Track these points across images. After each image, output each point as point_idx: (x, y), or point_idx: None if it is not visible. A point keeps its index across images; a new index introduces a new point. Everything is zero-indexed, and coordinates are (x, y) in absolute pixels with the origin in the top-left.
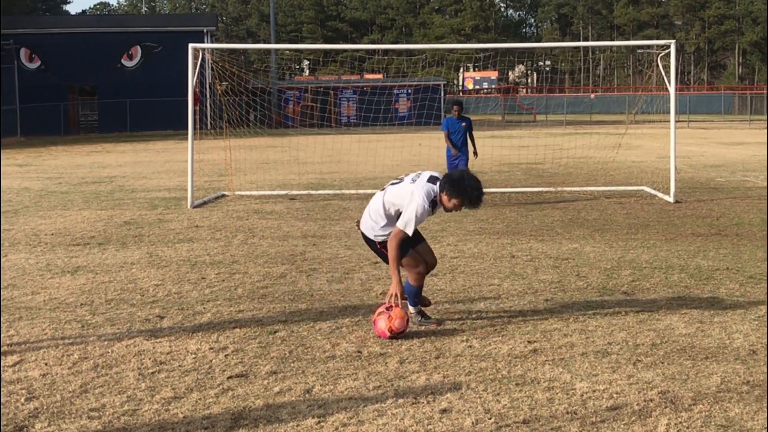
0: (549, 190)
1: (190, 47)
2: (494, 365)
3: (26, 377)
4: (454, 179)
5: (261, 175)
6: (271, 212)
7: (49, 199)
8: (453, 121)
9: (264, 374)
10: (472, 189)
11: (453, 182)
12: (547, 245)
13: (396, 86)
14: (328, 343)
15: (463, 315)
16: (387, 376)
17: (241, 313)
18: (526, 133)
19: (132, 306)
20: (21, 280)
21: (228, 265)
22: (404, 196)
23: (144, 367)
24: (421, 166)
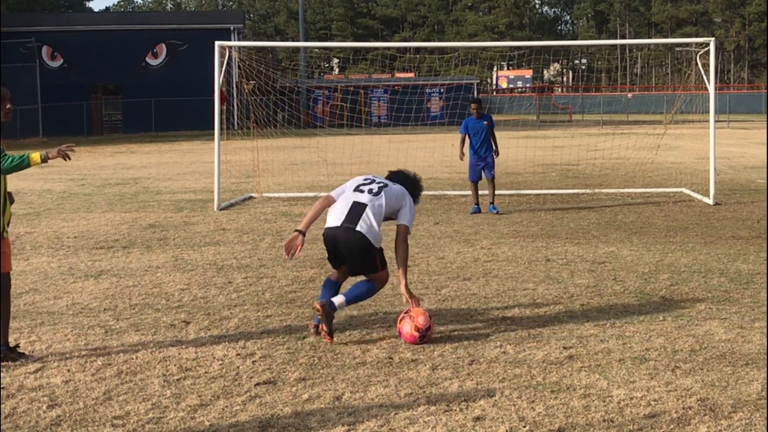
0: (585, 191)
1: (216, 45)
2: (529, 372)
3: (48, 384)
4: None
5: (289, 176)
6: (299, 215)
7: (71, 201)
8: (473, 121)
9: (292, 381)
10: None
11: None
12: (583, 248)
13: (428, 85)
14: (359, 349)
15: (496, 320)
16: (419, 382)
17: (269, 318)
18: (561, 133)
19: (157, 311)
20: (43, 284)
21: (255, 269)
22: (399, 198)
23: (169, 373)
24: (453, 167)
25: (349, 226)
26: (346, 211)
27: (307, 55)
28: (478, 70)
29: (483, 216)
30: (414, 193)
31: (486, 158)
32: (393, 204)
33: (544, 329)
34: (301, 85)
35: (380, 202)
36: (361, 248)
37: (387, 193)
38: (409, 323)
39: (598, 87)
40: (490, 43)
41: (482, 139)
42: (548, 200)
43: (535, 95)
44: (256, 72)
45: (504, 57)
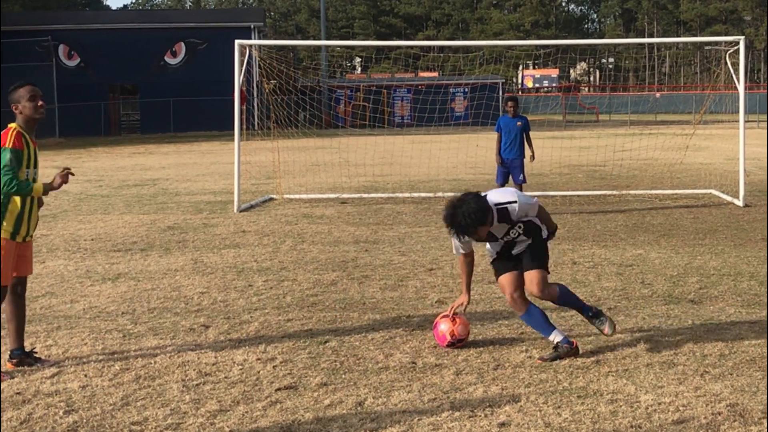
0: (612, 193)
1: (236, 44)
2: (555, 376)
3: (65, 389)
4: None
5: (310, 177)
6: (321, 216)
7: (88, 203)
8: (507, 120)
9: (314, 386)
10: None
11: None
12: (611, 251)
13: (452, 85)
14: (381, 354)
15: (522, 324)
16: (443, 388)
17: (289, 322)
18: (587, 134)
19: (176, 315)
20: (59, 287)
21: (276, 271)
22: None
23: (188, 378)
24: (478, 169)
25: None
26: None
27: (328, 53)
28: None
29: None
30: None
31: (514, 161)
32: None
33: (570, 333)
34: (323, 85)
35: None
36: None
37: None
38: (449, 325)
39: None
40: (515, 42)
41: (513, 139)
42: (575, 202)
43: (561, 95)
44: (277, 71)
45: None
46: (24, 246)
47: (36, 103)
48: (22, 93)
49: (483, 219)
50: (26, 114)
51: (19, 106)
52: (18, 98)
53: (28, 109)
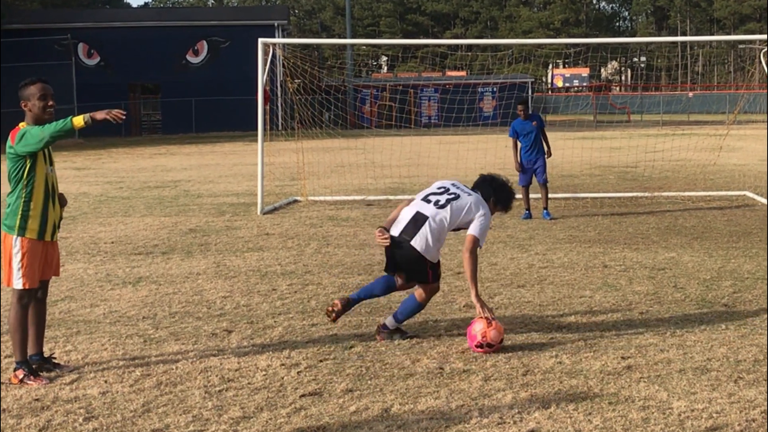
0: (644, 195)
1: (260, 42)
2: (585, 383)
3: (85, 395)
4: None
5: (335, 179)
6: (346, 219)
7: (109, 205)
8: (520, 123)
9: (339, 392)
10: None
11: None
12: (642, 254)
13: (480, 84)
14: (408, 359)
15: (552, 329)
16: (471, 394)
17: (314, 327)
18: (619, 134)
19: (198, 319)
20: (79, 291)
21: (300, 275)
22: (469, 212)
23: (211, 384)
24: (507, 170)
25: (404, 239)
26: (407, 220)
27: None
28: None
29: (537, 221)
30: (499, 201)
31: (536, 161)
32: (460, 217)
33: (601, 338)
34: (348, 84)
35: (443, 216)
36: (415, 260)
37: (454, 206)
38: (483, 328)
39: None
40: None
41: (532, 140)
42: (606, 204)
43: (591, 94)
44: (301, 70)
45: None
46: (51, 246)
47: (46, 103)
48: (33, 91)
49: None
50: (35, 113)
51: (28, 104)
52: (28, 96)
53: (37, 108)
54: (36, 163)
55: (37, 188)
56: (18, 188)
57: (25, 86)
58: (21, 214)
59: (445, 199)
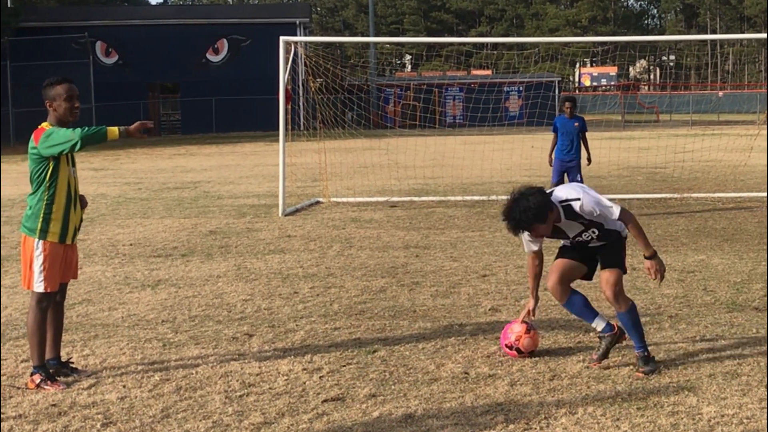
0: (673, 196)
1: (281, 40)
2: (613, 387)
3: (102, 401)
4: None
5: (358, 180)
6: (369, 221)
7: (127, 207)
8: (564, 120)
9: (362, 397)
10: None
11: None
12: (672, 257)
13: (506, 83)
14: (432, 364)
15: (579, 333)
16: (496, 399)
17: (337, 330)
18: (647, 134)
19: (218, 323)
20: (97, 294)
21: (323, 278)
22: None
23: (231, 389)
24: (533, 171)
25: None
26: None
27: (377, 51)
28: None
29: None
30: None
31: (571, 162)
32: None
33: (629, 342)
34: (371, 83)
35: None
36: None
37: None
38: (520, 332)
39: (686, 85)
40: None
41: (570, 141)
42: (634, 205)
43: (619, 93)
44: (324, 69)
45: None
46: (70, 249)
47: (72, 104)
48: (60, 91)
49: (540, 216)
50: (60, 114)
51: (54, 104)
52: (54, 96)
53: (63, 109)
54: (59, 165)
55: (59, 190)
56: (40, 190)
57: (51, 85)
58: (43, 216)
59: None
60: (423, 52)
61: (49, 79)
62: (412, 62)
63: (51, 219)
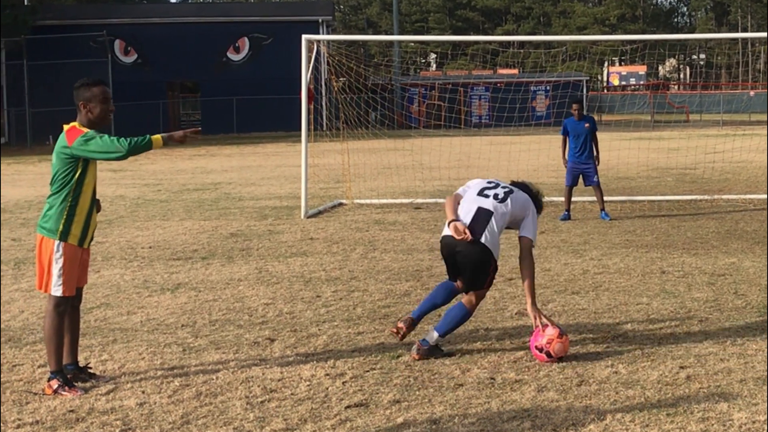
0: (703, 198)
1: (303, 39)
2: (642, 393)
3: (121, 407)
4: (536, 192)
5: (382, 181)
6: (393, 223)
7: (146, 209)
8: (573, 123)
9: (386, 403)
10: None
11: (535, 195)
12: (702, 260)
13: (533, 82)
14: (458, 369)
15: (608, 337)
16: (523, 405)
17: (360, 335)
18: (677, 135)
19: (239, 327)
20: (115, 298)
21: (346, 281)
22: (524, 207)
23: (252, 395)
24: (560, 172)
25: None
26: (470, 217)
27: (401, 49)
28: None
29: (592, 224)
30: (537, 208)
31: (586, 164)
32: (517, 213)
33: (659, 347)
34: (395, 83)
35: (505, 210)
36: (481, 262)
37: (513, 199)
38: (553, 335)
39: (717, 84)
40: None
41: (582, 142)
42: (663, 207)
43: (648, 93)
44: (347, 68)
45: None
46: (86, 253)
47: (108, 107)
48: (96, 92)
49: None
50: (95, 115)
51: (89, 105)
52: (90, 97)
53: (99, 111)
54: (88, 167)
55: (85, 192)
56: (65, 191)
57: (87, 86)
58: (66, 218)
59: (503, 192)
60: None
61: (83, 79)
62: (437, 61)
63: (74, 221)
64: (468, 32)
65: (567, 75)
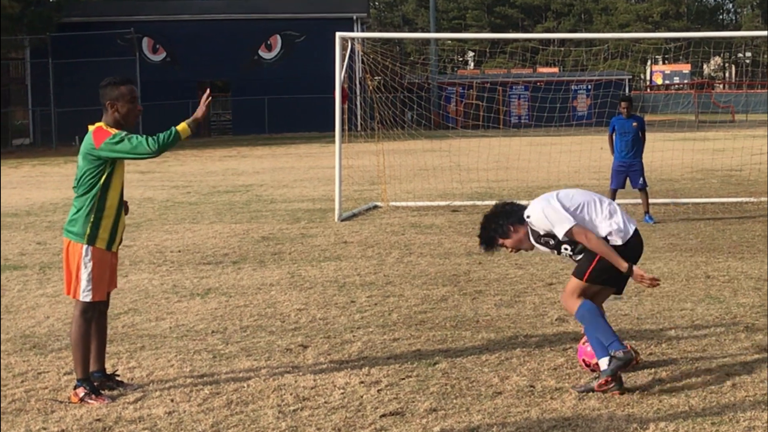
0: (749, 200)
1: (337, 36)
2: (687, 401)
3: (149, 415)
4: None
5: (419, 183)
6: (430, 226)
7: (175, 211)
8: (621, 121)
9: (422, 412)
10: None
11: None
12: (748, 264)
13: (574, 81)
14: (496, 377)
15: (651, 344)
16: (563, 414)
17: (396, 342)
18: (722, 135)
19: (271, 334)
20: (144, 303)
21: (381, 286)
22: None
23: (285, 403)
24: (602, 173)
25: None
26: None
27: (438, 47)
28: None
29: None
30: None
31: (633, 164)
32: None
33: (703, 354)
34: (432, 82)
35: None
36: None
37: None
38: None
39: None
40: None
41: (629, 141)
42: (708, 210)
43: (693, 92)
44: (382, 67)
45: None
46: (114, 257)
47: (136, 106)
48: (124, 92)
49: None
50: (122, 115)
51: (117, 104)
52: (118, 96)
53: (126, 111)
54: (116, 169)
55: (112, 194)
56: (92, 193)
57: (114, 85)
58: (93, 221)
59: None
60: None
61: (110, 78)
62: (475, 59)
63: (101, 224)
64: (507, 29)
65: (609, 74)
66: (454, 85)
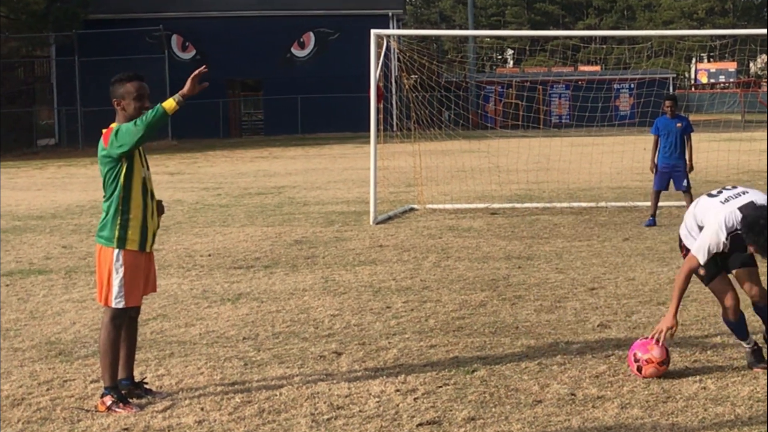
0: None
1: (372, 34)
2: (732, 410)
3: (179, 425)
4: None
5: (456, 185)
6: (468, 229)
7: (205, 214)
8: (665, 121)
9: (460, 421)
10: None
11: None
12: None
13: (616, 80)
14: (536, 385)
15: (696, 351)
16: (605, 423)
17: (433, 348)
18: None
19: (304, 340)
20: (173, 309)
21: (417, 291)
22: (708, 216)
23: (318, 412)
24: (645, 175)
25: None
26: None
27: (476, 45)
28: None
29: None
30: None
31: (677, 166)
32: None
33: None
34: (470, 80)
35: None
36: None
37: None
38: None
39: None
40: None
41: (673, 142)
42: None
43: (739, 91)
44: (419, 65)
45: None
46: (149, 258)
47: (142, 104)
48: (129, 89)
49: None
50: (128, 113)
51: (122, 102)
52: (123, 94)
53: (132, 109)
54: (133, 165)
55: (134, 193)
56: (115, 194)
57: (120, 82)
58: (120, 223)
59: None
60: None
61: (118, 75)
62: (515, 57)
63: (129, 225)
64: (547, 27)
65: (652, 72)
66: (493, 84)
